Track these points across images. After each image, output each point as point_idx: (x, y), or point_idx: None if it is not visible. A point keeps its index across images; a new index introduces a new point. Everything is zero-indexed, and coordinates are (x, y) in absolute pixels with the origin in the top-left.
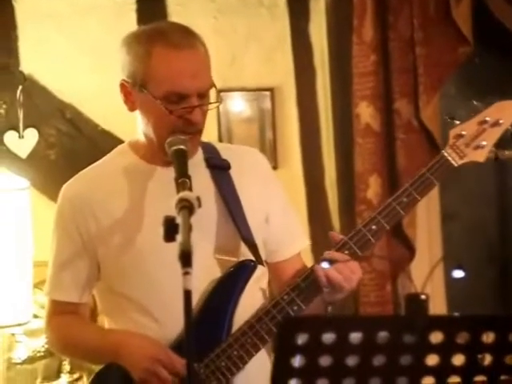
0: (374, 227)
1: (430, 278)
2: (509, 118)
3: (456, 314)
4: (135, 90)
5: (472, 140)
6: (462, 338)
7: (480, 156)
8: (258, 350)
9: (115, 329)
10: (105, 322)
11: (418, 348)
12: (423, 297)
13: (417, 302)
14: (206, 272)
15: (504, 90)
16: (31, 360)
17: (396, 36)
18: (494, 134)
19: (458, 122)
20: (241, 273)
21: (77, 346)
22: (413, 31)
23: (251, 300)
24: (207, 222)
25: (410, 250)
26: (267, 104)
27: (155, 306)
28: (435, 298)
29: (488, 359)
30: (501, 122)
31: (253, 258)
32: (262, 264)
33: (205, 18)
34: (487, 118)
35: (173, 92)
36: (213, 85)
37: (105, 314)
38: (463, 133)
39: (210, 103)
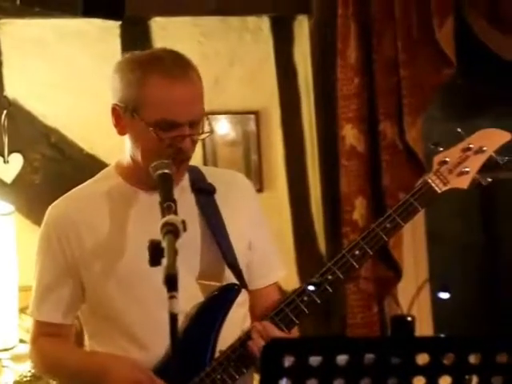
0: (357, 252)
1: (416, 299)
2: (492, 145)
3: (442, 335)
4: (127, 115)
5: (455, 167)
6: (448, 359)
7: (463, 183)
8: (241, 374)
9: (99, 352)
10: (87, 343)
11: (405, 370)
12: (409, 318)
13: (403, 324)
14: (190, 296)
15: (487, 111)
16: None
17: (380, 58)
18: (478, 161)
19: (441, 149)
20: (225, 297)
21: (61, 367)
22: (396, 53)
23: (235, 324)
24: (191, 246)
25: (397, 271)
26: (252, 127)
27: (138, 330)
28: (421, 319)
29: (475, 380)
30: (484, 149)
31: (237, 282)
32: (246, 288)
33: (189, 41)
34: (471, 145)
35: (165, 120)
36: (204, 113)
37: (88, 335)
38: (447, 159)
39: (202, 133)
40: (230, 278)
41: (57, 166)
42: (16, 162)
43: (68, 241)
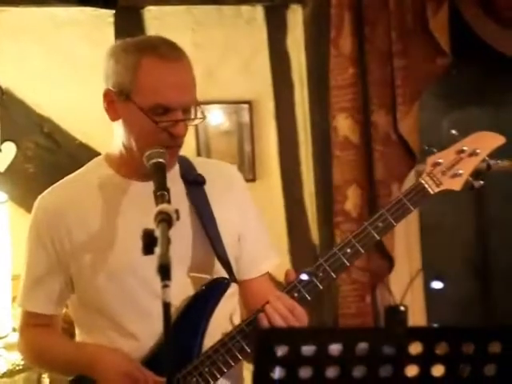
0: (348, 250)
1: (409, 289)
2: (486, 148)
3: (435, 324)
4: (120, 100)
5: (449, 168)
6: (441, 348)
7: (456, 184)
8: (229, 367)
9: (89, 343)
10: (77, 332)
11: (398, 359)
12: (402, 308)
13: (396, 314)
14: (180, 289)
15: (481, 101)
16: (10, 373)
17: (374, 48)
18: (471, 164)
19: (435, 150)
20: (214, 290)
21: (50, 358)
22: (390, 43)
23: (224, 317)
24: (182, 237)
25: (389, 260)
26: (245, 117)
27: (127, 322)
28: (414, 309)
29: (467, 370)
30: (478, 151)
31: (226, 276)
32: (236, 281)
33: (182, 30)
34: (465, 148)
35: (159, 104)
36: (196, 101)
37: (77, 325)
38: (440, 161)
39: (195, 118)
40: (219, 270)
41: (50, 156)
42: (9, 150)
43: (58, 233)
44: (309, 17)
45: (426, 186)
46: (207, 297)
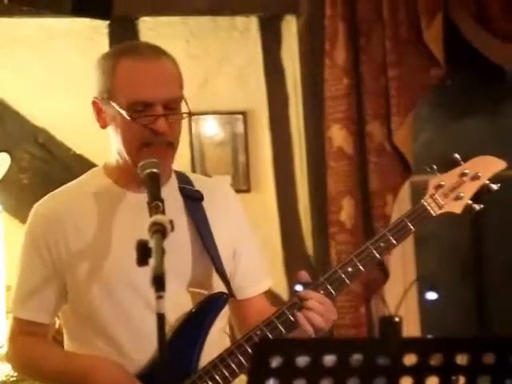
0: (350, 269)
1: (403, 300)
2: (487, 172)
3: (429, 335)
4: (104, 105)
5: (451, 191)
6: (435, 359)
7: (457, 207)
8: (228, 383)
9: (83, 354)
10: (66, 343)
11: (392, 370)
12: (397, 319)
13: (390, 325)
14: (176, 304)
15: (476, 110)
16: None
17: (368, 59)
18: (472, 187)
19: (437, 172)
20: (213, 305)
21: (41, 367)
22: (385, 54)
23: (218, 331)
24: (181, 251)
25: (384, 272)
26: (240, 127)
27: (122, 335)
28: (409, 320)
29: (462, 381)
30: (479, 175)
31: (225, 291)
32: (234, 296)
33: (177, 41)
34: (466, 171)
35: (136, 101)
36: (181, 99)
37: (68, 336)
38: (442, 183)
39: (175, 113)
40: (218, 285)
41: (45, 166)
42: (3, 161)
43: (54, 241)
44: (303, 28)
45: (429, 208)
46: (206, 312)
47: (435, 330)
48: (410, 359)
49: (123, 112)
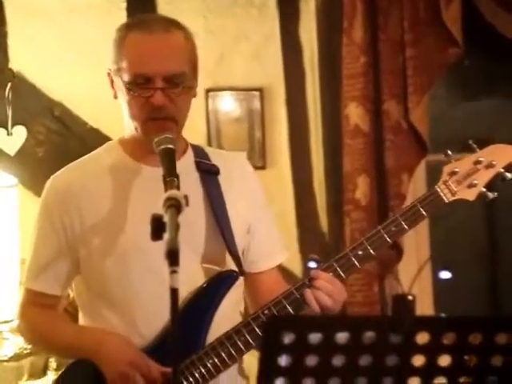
0: (360, 253)
1: (417, 278)
2: (502, 160)
3: (443, 314)
4: (114, 76)
5: (464, 178)
6: (448, 338)
7: (471, 195)
8: (234, 360)
9: (94, 327)
10: (80, 316)
11: (404, 348)
12: (410, 297)
13: (404, 303)
14: (189, 279)
15: (493, 91)
16: (17, 357)
17: (386, 37)
18: (487, 175)
19: (452, 159)
20: (223, 283)
21: (51, 338)
22: (403, 33)
23: (229, 308)
24: (195, 226)
25: (398, 250)
26: (256, 104)
27: (133, 309)
28: (422, 298)
29: (474, 360)
30: (494, 163)
31: (235, 269)
32: (244, 275)
33: (195, 17)
34: (481, 159)
35: (137, 74)
36: (188, 74)
37: (80, 309)
38: (456, 170)
39: (173, 87)
40: (229, 263)
41: (60, 140)
42: (19, 134)
43: (69, 214)
44: (321, 5)
45: (442, 194)
46: (215, 289)
47: (449, 309)
48: (422, 338)
49: (125, 84)
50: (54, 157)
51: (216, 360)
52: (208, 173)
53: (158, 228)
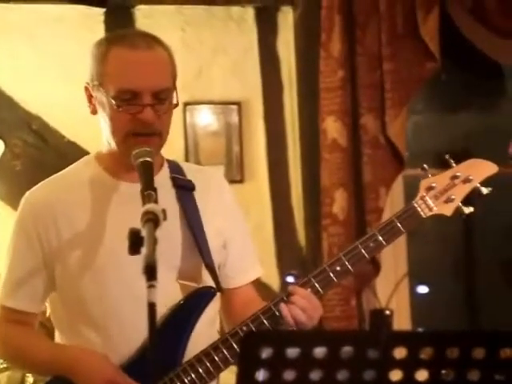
0: (338, 268)
1: (394, 293)
2: (478, 175)
3: (420, 329)
4: (94, 91)
5: (442, 193)
6: (425, 353)
7: (448, 210)
8: (212, 378)
9: (71, 344)
10: (56, 333)
11: (382, 363)
12: (388, 312)
13: (381, 318)
14: (166, 294)
15: (470, 105)
16: None
17: (363, 51)
18: (463, 190)
19: (429, 174)
20: (200, 299)
21: (27, 355)
22: (380, 47)
23: (206, 326)
24: (171, 242)
25: (375, 265)
26: (234, 118)
27: (110, 326)
28: (400, 313)
29: (451, 375)
30: (471, 178)
31: (211, 284)
32: (221, 291)
33: (173, 30)
34: (458, 174)
35: (124, 89)
36: (172, 89)
37: (56, 325)
38: (433, 185)
39: (164, 104)
40: (206, 279)
41: (38, 153)
42: None
43: (45, 228)
44: (299, 19)
45: (419, 209)
46: (193, 305)
47: (426, 323)
48: (400, 352)
49: (111, 100)
50: (32, 170)
51: (194, 376)
52: (184, 188)
53: (135, 242)
